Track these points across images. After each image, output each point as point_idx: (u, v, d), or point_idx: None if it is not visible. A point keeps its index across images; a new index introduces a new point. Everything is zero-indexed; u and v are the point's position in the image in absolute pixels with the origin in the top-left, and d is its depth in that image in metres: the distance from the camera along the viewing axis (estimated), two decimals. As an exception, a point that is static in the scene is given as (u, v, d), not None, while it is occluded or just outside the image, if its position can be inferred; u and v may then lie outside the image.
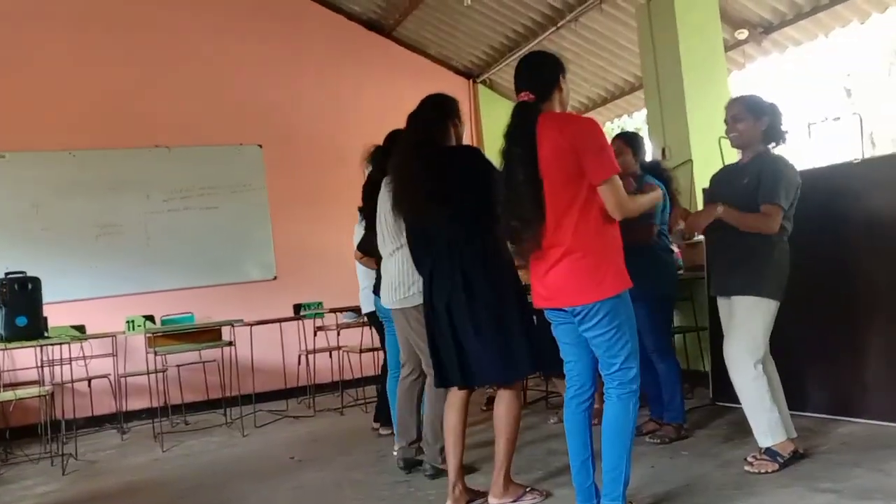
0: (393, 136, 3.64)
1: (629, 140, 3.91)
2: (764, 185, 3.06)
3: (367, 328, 5.80)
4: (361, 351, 5.74)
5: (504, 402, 2.99)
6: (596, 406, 3.13)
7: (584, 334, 2.59)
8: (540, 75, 2.67)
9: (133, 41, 6.51)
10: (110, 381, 5.84)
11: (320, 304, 6.12)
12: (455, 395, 3.08)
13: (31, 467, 4.69)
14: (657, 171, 3.92)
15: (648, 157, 4.38)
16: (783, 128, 3.22)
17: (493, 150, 8.64)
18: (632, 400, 2.61)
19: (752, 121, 3.16)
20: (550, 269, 2.54)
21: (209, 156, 6.69)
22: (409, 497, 3.29)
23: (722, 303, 3.29)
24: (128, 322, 5.48)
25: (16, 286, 4.31)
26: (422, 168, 3.01)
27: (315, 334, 6.16)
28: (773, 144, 3.23)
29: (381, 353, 5.95)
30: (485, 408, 5.10)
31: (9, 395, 4.63)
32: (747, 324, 3.10)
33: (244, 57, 6.88)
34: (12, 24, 6.15)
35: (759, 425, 3.09)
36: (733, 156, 3.54)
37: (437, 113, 3.17)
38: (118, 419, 5.81)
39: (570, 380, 2.72)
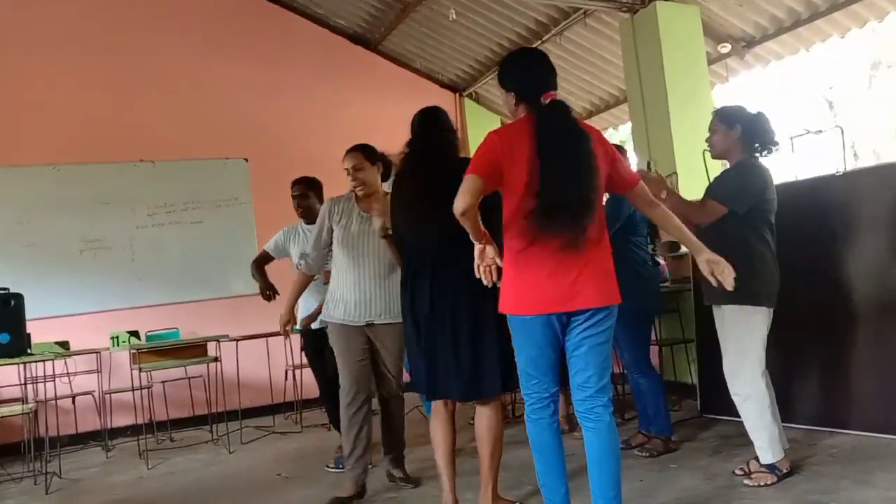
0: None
1: None
2: (723, 187, 3.12)
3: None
4: (349, 365, 5.69)
5: (483, 417, 2.97)
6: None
7: (588, 340, 2.48)
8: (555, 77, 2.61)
9: (118, 57, 6.48)
10: (94, 398, 5.77)
11: (307, 318, 6.08)
12: (441, 407, 3.05)
13: (14, 486, 4.62)
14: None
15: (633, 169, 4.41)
16: (769, 135, 3.20)
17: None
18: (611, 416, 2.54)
19: (725, 130, 3.19)
20: (584, 268, 2.45)
21: (194, 170, 6.65)
22: (397, 513, 3.27)
23: (716, 312, 3.27)
24: (112, 338, 5.42)
25: (-2, 303, 4.27)
26: (436, 180, 2.88)
27: (301, 349, 6.12)
28: (764, 153, 3.21)
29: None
30: (471, 422, 5.09)
31: (-10, 412, 4.57)
32: (744, 334, 3.09)
33: (229, 71, 6.87)
34: (-4, 38, 6.13)
35: (761, 441, 3.07)
36: (719, 168, 3.56)
37: (449, 125, 3.25)
38: (102, 436, 5.73)
39: (540, 387, 2.55)
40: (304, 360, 6.18)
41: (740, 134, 3.17)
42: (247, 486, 4.09)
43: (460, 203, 2.36)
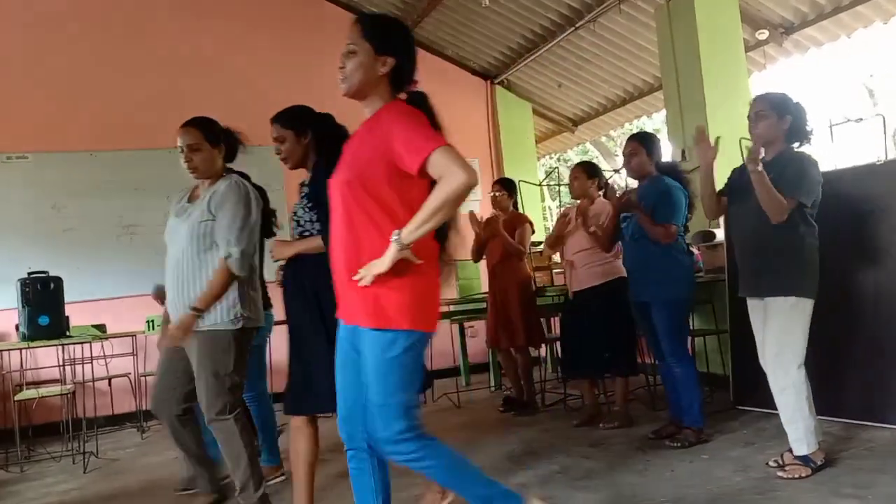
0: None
1: (643, 140, 3.90)
2: (787, 180, 3.00)
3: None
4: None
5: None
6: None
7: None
8: None
9: (151, 44, 6.56)
10: (130, 380, 5.89)
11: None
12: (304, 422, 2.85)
13: (54, 464, 4.74)
14: (675, 173, 3.90)
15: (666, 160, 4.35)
16: (808, 128, 3.16)
17: (511, 151, 8.62)
18: (425, 459, 2.12)
19: (776, 119, 3.11)
20: None
21: (228, 157, 6.71)
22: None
23: (753, 304, 3.22)
24: (148, 321, 5.51)
25: (38, 286, 4.36)
26: None
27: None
28: (798, 144, 3.18)
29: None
30: (501, 409, 5.10)
31: (31, 393, 4.68)
32: (788, 326, 3.03)
33: (263, 59, 6.92)
34: (34, 28, 6.23)
35: (796, 432, 3.03)
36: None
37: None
38: (138, 418, 5.86)
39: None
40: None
41: (789, 125, 3.12)
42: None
43: (472, 173, 1.95)
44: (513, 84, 7.93)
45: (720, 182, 3.34)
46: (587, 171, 4.51)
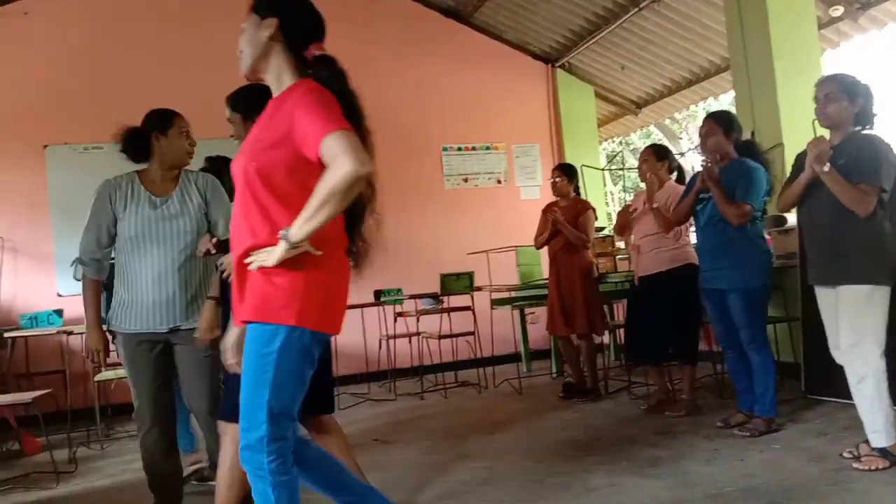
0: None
1: (720, 119, 3.80)
2: (863, 165, 2.90)
3: (445, 314, 5.88)
4: (440, 337, 5.79)
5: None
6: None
7: None
8: None
9: (217, 40, 6.66)
10: (202, 363, 6.09)
11: (400, 290, 6.21)
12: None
13: (131, 443, 4.93)
14: (753, 152, 3.78)
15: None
16: (875, 111, 3.05)
17: (572, 136, 8.51)
18: (268, 484, 1.82)
19: (847, 101, 3.00)
20: None
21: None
22: (487, 483, 3.32)
23: (823, 292, 3.13)
24: (218, 307, 5.69)
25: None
26: None
27: (395, 320, 6.26)
28: (865, 127, 3.06)
29: (458, 340, 6.02)
30: (561, 395, 5.09)
31: (110, 374, 4.88)
32: (866, 315, 2.92)
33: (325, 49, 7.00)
34: (111, 23, 6.46)
35: (874, 424, 2.93)
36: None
37: None
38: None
39: (294, 432, 1.91)
40: (398, 331, 6.33)
41: (859, 108, 3.00)
42: (345, 451, 4.22)
43: (364, 162, 1.73)
44: (574, 67, 7.82)
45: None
46: (657, 153, 4.44)
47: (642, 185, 4.55)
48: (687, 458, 3.36)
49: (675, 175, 4.48)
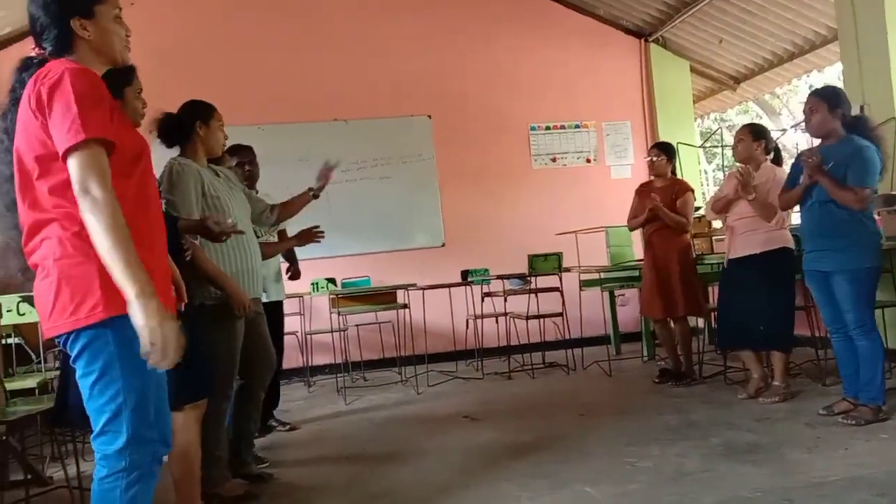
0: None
1: (824, 96, 3.61)
2: None
3: (533, 295, 5.87)
4: (528, 318, 5.79)
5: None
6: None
7: None
8: None
9: (308, 21, 6.90)
10: (298, 338, 6.33)
11: (486, 270, 6.23)
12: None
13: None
14: (864, 130, 3.56)
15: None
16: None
17: (666, 113, 8.29)
18: (118, 487, 1.63)
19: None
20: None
21: (383, 128, 6.99)
22: (561, 469, 3.32)
23: None
24: (313, 284, 5.89)
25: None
26: None
27: (482, 300, 6.30)
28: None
29: (545, 321, 6.00)
30: (657, 380, 5.00)
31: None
32: None
33: (410, 28, 7.08)
34: (224, 11, 6.72)
35: None
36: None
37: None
38: (305, 373, 6.31)
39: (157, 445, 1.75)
40: (485, 311, 6.36)
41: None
42: (436, 426, 4.31)
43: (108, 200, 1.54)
44: (668, 41, 7.58)
45: None
46: (753, 132, 4.26)
47: (738, 164, 4.39)
48: (786, 445, 3.25)
49: (771, 155, 4.29)
